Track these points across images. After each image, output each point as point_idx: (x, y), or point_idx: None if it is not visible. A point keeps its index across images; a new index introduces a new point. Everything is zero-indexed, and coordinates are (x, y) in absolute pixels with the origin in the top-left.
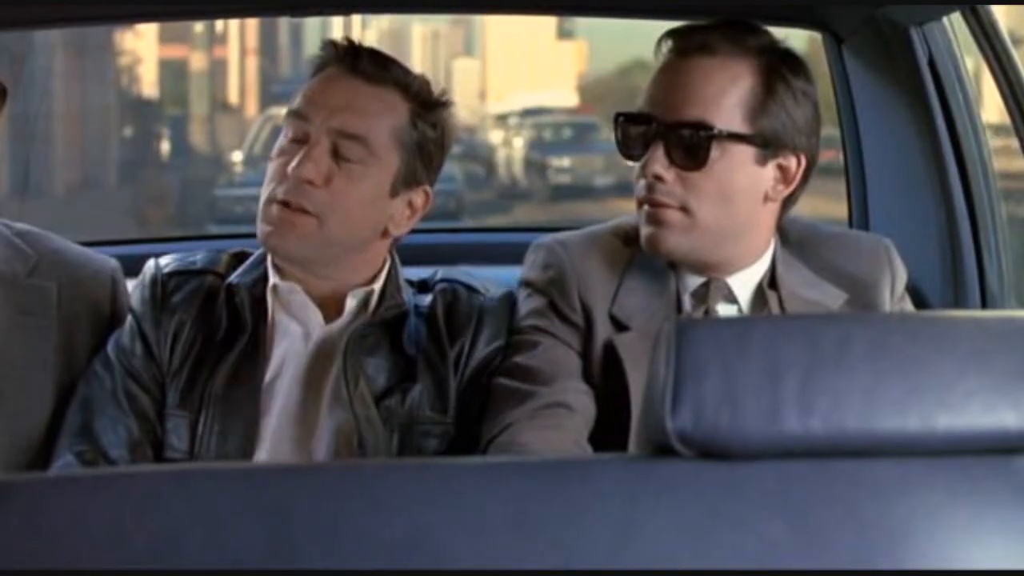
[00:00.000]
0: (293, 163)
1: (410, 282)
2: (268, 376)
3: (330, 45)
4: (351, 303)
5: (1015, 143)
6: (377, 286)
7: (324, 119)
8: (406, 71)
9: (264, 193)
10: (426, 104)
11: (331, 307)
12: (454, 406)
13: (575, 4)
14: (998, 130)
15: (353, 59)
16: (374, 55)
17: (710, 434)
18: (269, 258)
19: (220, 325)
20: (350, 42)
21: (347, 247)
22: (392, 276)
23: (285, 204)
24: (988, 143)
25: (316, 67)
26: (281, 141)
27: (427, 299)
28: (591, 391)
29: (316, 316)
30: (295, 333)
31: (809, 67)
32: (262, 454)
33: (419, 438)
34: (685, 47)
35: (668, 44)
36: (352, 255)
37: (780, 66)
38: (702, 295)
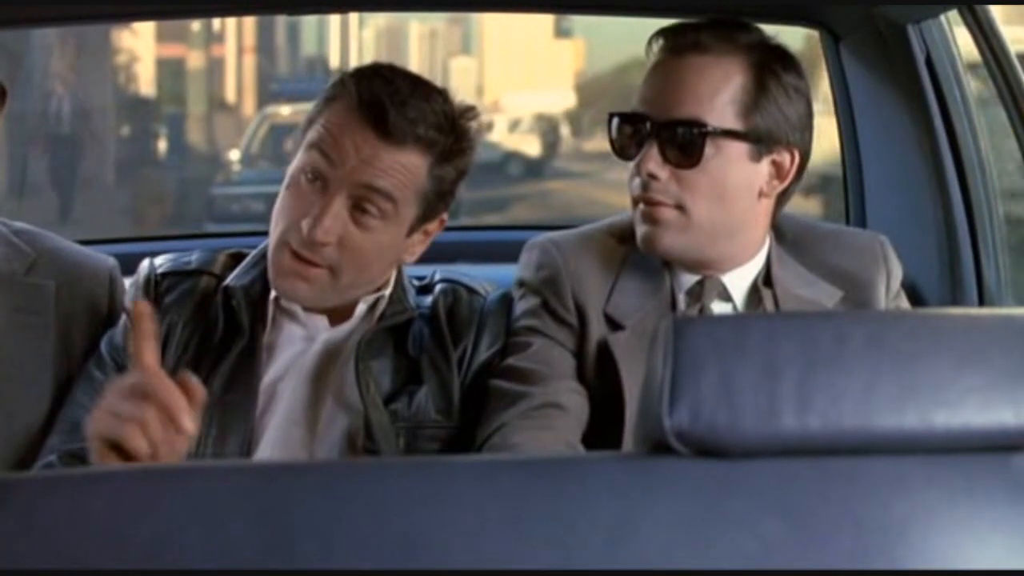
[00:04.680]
0: (307, 220)
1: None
2: (269, 378)
3: (353, 82)
4: (362, 308)
5: None
6: (387, 292)
7: (349, 172)
8: (428, 122)
9: (276, 231)
10: (447, 156)
11: (337, 313)
12: (458, 409)
13: (573, 2)
14: None
15: (378, 115)
16: (401, 109)
17: (707, 432)
18: (270, 263)
19: (216, 327)
20: (376, 94)
21: (358, 285)
22: (399, 281)
23: (297, 255)
24: (985, 140)
25: (332, 95)
26: (296, 172)
27: (427, 300)
28: (585, 391)
29: (320, 321)
30: (298, 336)
31: (800, 63)
32: (262, 457)
33: (425, 442)
34: (677, 46)
35: (659, 43)
36: (363, 287)
37: (771, 62)
38: (697, 293)
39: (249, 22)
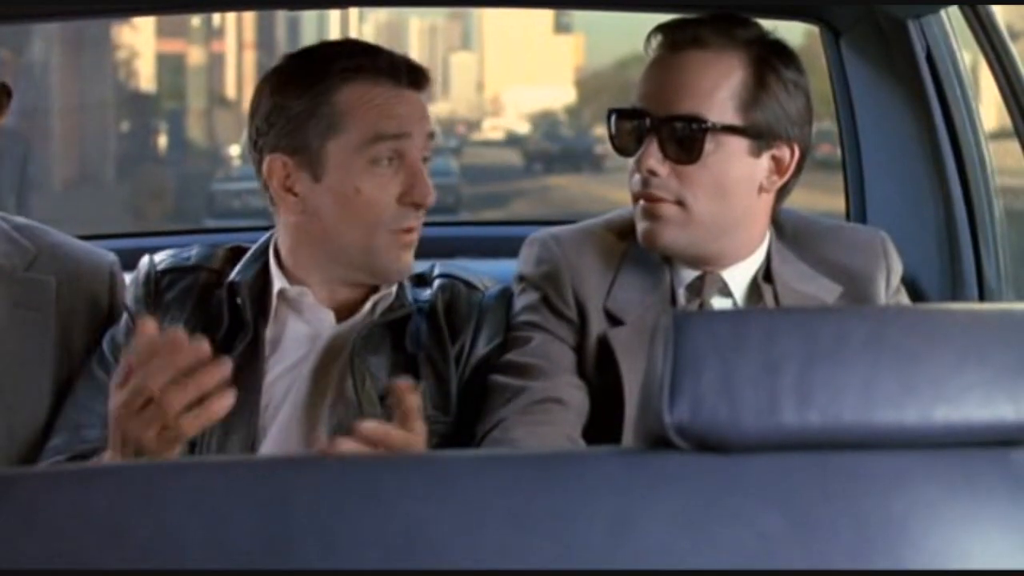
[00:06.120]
0: (415, 194)
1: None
2: (272, 375)
3: (391, 63)
4: (369, 306)
5: None
6: (395, 288)
7: (419, 130)
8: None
9: (372, 222)
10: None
11: (342, 308)
12: (455, 404)
13: None
14: None
15: (411, 74)
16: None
17: (707, 427)
18: (272, 259)
19: (220, 324)
20: (405, 57)
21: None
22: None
23: (406, 230)
24: (985, 136)
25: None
26: (370, 174)
27: (426, 294)
28: (585, 386)
29: (327, 317)
30: (302, 333)
31: (800, 58)
32: (264, 453)
33: None
34: (676, 41)
35: (658, 38)
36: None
37: (771, 58)
38: (697, 289)
39: (249, 18)
